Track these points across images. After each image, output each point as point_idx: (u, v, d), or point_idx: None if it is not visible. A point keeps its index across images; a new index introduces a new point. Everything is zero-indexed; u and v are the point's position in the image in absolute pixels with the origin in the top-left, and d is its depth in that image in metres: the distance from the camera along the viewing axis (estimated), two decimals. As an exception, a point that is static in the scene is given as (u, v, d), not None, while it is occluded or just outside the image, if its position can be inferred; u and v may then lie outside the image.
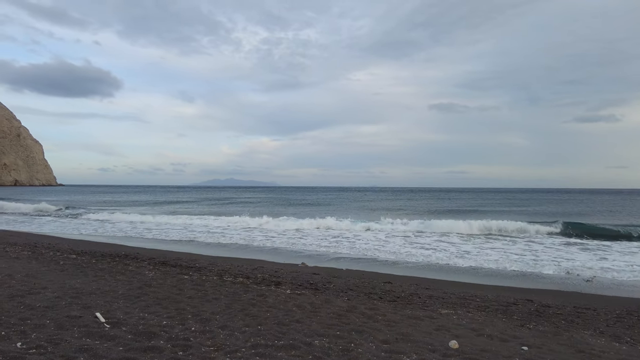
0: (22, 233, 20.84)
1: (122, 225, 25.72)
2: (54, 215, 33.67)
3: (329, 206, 51.72)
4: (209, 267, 11.70)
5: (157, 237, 20.63)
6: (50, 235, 20.41)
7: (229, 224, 25.04)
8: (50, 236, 20.08)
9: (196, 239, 20.08)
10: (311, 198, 77.27)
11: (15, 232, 21.52)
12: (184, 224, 25.96)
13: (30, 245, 15.21)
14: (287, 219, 26.05)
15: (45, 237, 19.54)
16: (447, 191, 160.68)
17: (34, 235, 20.21)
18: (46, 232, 21.95)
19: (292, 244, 18.18)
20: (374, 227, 22.24)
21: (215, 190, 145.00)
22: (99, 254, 13.56)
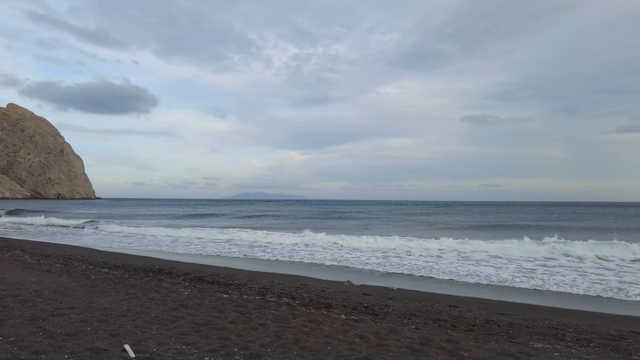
0: (59, 245, 20.62)
1: (156, 239, 25.27)
2: (91, 228, 33.88)
3: (366, 220, 50.07)
4: (248, 285, 10.61)
5: (192, 251, 19.87)
6: (86, 248, 20.05)
7: (264, 238, 24.06)
8: (86, 248, 19.70)
9: (231, 253, 19.17)
10: (344, 211, 75.76)
11: (53, 243, 21.35)
12: (218, 237, 25.21)
13: (64, 257, 14.69)
14: (327, 233, 24.81)
15: (80, 249, 19.16)
16: (482, 205, 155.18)
17: (70, 247, 19.91)
18: (83, 245, 21.69)
19: (334, 260, 16.91)
20: (420, 243, 20.61)
21: (246, 204, 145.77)
22: (131, 268, 12.78)
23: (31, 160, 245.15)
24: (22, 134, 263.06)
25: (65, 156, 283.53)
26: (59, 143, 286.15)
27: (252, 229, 32.33)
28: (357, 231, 31.66)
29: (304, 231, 25.39)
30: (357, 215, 62.84)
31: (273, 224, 41.29)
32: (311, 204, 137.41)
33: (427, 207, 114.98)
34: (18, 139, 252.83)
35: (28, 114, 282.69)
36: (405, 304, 9.37)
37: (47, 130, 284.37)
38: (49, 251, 16.64)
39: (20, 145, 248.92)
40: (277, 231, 29.00)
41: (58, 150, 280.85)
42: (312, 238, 23.16)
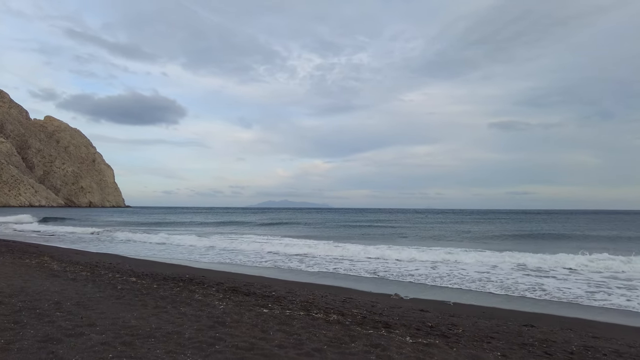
0: (87, 252, 20.12)
1: (185, 246, 24.58)
2: (120, 235, 33.67)
3: (398, 228, 48.30)
4: (288, 297, 9.47)
5: (222, 259, 18.96)
6: (114, 255, 19.46)
7: (295, 246, 22.95)
8: (114, 255, 19.10)
9: (263, 261, 18.15)
10: (372, 219, 74.03)
11: (81, 250, 20.90)
12: (247, 245, 24.28)
13: (91, 265, 13.98)
14: (361, 242, 23.50)
15: (108, 256, 18.56)
16: (512, 213, 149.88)
17: (98, 254, 19.36)
18: (111, 252, 21.15)
19: (373, 270, 15.60)
20: (467, 253, 18.99)
21: (273, 212, 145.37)
22: (160, 277, 11.87)
23: (65, 170, 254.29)
24: (57, 145, 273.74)
25: (96, 166, 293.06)
26: (91, 153, 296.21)
27: (281, 236, 31.38)
28: (391, 240, 30.22)
29: (336, 240, 24.15)
30: (388, 223, 61.09)
31: (303, 232, 40.23)
32: (337, 212, 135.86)
33: (457, 215, 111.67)
34: (54, 150, 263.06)
35: (63, 125, 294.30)
36: (473, 322, 8.01)
37: (80, 141, 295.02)
38: (77, 258, 16.04)
39: (56, 155, 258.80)
40: (309, 239, 27.89)
41: (90, 160, 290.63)
42: (346, 247, 21.88)
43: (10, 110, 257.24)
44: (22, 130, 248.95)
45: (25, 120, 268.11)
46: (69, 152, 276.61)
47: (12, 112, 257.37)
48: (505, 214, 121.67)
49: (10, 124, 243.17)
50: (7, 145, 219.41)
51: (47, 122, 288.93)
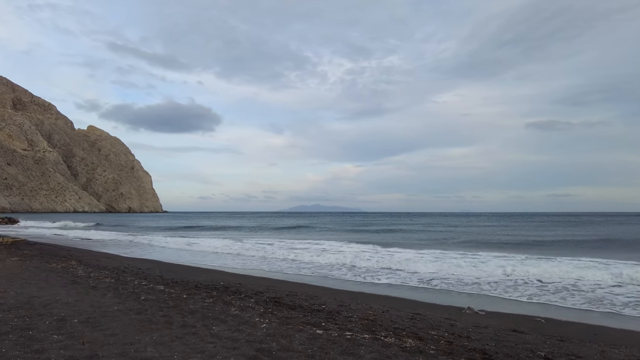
0: (119, 256, 19.17)
1: (219, 251, 23.34)
2: (157, 238, 33.06)
3: (444, 232, 45.57)
4: (342, 312, 7.71)
5: (260, 265, 17.46)
6: (146, 260, 18.38)
7: (337, 252, 21.16)
8: (146, 260, 18.02)
9: (303, 267, 16.50)
10: (410, 223, 71.22)
11: (113, 254, 20.01)
12: (285, 251, 22.71)
13: (118, 270, 12.78)
14: (406, 247, 21.45)
15: (140, 261, 17.49)
16: (553, 215, 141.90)
17: (129, 259, 18.34)
18: (145, 257, 20.12)
19: (429, 278, 13.59)
20: (544, 264, 16.51)
21: (307, 216, 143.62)
22: (192, 284, 10.42)
23: (106, 177, 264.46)
24: (99, 153, 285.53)
25: (135, 172, 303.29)
26: (130, 160, 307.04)
27: (318, 240, 29.70)
28: (442, 245, 27.90)
29: (382, 245, 22.20)
30: (431, 227, 58.24)
31: (342, 236, 38.39)
32: (371, 216, 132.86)
33: (499, 218, 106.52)
34: (96, 158, 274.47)
35: (104, 134, 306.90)
36: (597, 351, 5.96)
37: (120, 149, 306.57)
38: (106, 262, 14.96)
39: (98, 163, 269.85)
40: (349, 243, 26.09)
41: (129, 167, 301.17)
42: (389, 250, 19.89)
43: (57, 121, 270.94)
44: (67, 140, 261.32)
45: (70, 130, 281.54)
46: (109, 160, 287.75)
47: (59, 123, 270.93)
48: (558, 217, 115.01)
49: (57, 134, 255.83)
50: (54, 154, 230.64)
51: (89, 132, 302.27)
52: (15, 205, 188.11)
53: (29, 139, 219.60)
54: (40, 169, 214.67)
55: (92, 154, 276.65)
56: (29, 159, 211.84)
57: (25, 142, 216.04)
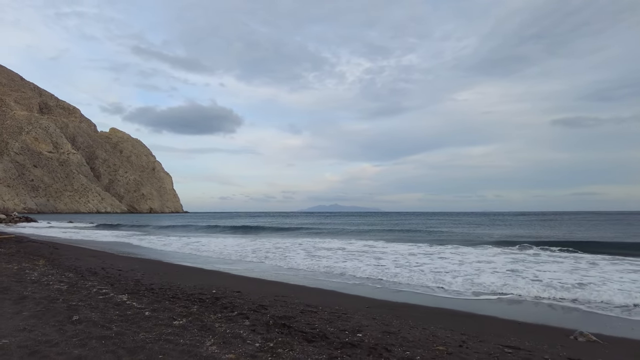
0: (107, 255, 16.58)
1: (229, 251, 20.54)
2: (170, 237, 30.63)
3: (499, 227, 41.70)
4: (394, 347, 4.64)
5: (271, 267, 14.50)
6: (137, 258, 15.71)
7: (362, 254, 18.00)
8: (137, 259, 15.35)
9: (324, 269, 13.48)
10: (436, 223, 67.30)
11: (103, 252, 17.42)
12: (308, 250, 19.67)
13: (89, 271, 10.07)
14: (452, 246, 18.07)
15: (129, 260, 14.81)
16: (578, 214, 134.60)
17: (117, 257, 15.70)
18: (141, 255, 17.44)
19: (500, 290, 10.31)
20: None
21: (330, 216, 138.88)
22: (171, 293, 7.53)
23: (128, 178, 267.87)
24: (120, 155, 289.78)
25: (156, 173, 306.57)
26: (151, 162, 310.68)
27: (340, 239, 26.63)
28: (508, 244, 24.38)
29: (424, 244, 18.94)
30: (459, 227, 54.37)
31: (370, 235, 35.16)
32: (391, 216, 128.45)
33: (528, 217, 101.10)
34: (117, 159, 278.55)
35: (126, 136, 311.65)
36: None
37: (141, 151, 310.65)
38: (83, 262, 12.31)
39: (119, 164, 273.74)
40: (388, 242, 22.93)
41: (150, 169, 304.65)
42: (425, 251, 16.65)
43: (80, 124, 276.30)
44: (90, 142, 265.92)
45: (93, 132, 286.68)
46: (131, 162, 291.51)
47: (82, 126, 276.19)
48: (580, 215, 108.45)
49: (80, 136, 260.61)
50: (77, 156, 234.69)
51: (111, 134, 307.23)
52: (41, 206, 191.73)
53: (54, 141, 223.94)
54: (65, 171, 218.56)
55: (114, 155, 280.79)
56: (54, 161, 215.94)
57: (50, 144, 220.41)
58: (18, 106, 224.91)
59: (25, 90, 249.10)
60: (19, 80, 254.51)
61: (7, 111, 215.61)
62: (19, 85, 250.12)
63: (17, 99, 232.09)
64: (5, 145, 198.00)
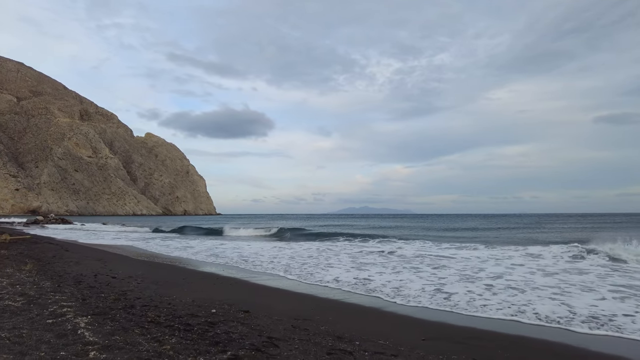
0: (117, 257, 15.03)
1: (261, 254, 18.66)
2: (191, 238, 29.26)
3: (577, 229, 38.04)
4: None
5: (302, 274, 12.40)
6: (148, 262, 14.05)
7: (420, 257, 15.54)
8: (149, 263, 13.70)
9: (369, 287, 11.24)
10: (484, 226, 63.50)
11: (114, 254, 15.90)
12: (353, 254, 17.40)
13: (74, 278, 8.33)
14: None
15: (139, 263, 13.17)
16: (630, 216, 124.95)
17: (128, 259, 14.10)
18: (152, 253, 15.81)
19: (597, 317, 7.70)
20: None
21: (367, 218, 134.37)
22: (151, 315, 5.58)
23: (163, 181, 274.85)
24: (156, 159, 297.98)
25: (190, 177, 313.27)
26: (185, 165, 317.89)
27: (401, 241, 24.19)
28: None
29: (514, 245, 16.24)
30: (506, 228, 50.58)
31: (416, 235, 32.54)
32: (427, 218, 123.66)
33: (577, 219, 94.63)
34: (153, 163, 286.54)
35: (160, 140, 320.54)
36: None
37: (175, 155, 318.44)
38: (75, 268, 10.68)
39: (155, 168, 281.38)
40: (426, 242, 20.40)
41: (184, 172, 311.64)
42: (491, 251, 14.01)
43: (118, 130, 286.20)
44: (127, 147, 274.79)
45: (129, 137, 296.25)
46: (165, 165, 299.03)
47: (120, 132, 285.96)
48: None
49: (117, 141, 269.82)
50: (115, 160, 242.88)
51: (147, 139, 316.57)
52: (81, 209, 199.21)
53: (93, 146, 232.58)
54: (103, 175, 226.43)
55: (149, 159, 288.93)
56: (93, 166, 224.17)
57: (90, 149, 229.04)
58: (61, 114, 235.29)
59: (68, 98, 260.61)
60: (62, 89, 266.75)
61: (52, 119, 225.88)
62: (62, 94, 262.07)
63: (61, 107, 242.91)
64: (50, 151, 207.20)
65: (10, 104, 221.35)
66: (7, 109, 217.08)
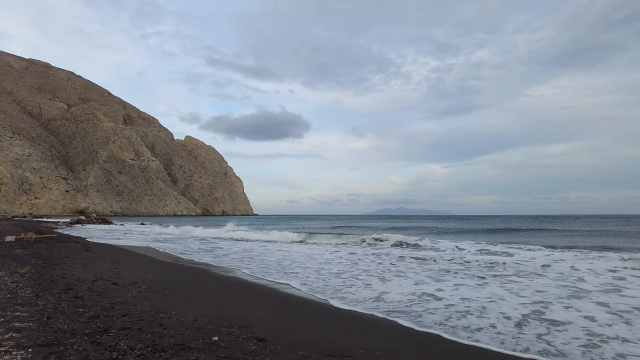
0: (136, 259, 13.84)
1: (288, 253, 17.03)
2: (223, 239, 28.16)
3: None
4: None
5: (350, 285, 10.49)
6: (167, 263, 12.73)
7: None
8: (165, 263, 12.36)
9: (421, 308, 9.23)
10: (527, 224, 59.12)
11: (138, 254, 14.76)
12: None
13: (66, 284, 6.96)
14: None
15: (153, 265, 11.82)
16: None
17: (143, 261, 12.83)
18: (184, 256, 14.54)
19: None
20: None
21: (403, 219, 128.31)
22: (123, 345, 3.93)
23: (202, 183, 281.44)
24: (195, 161, 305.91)
25: (228, 178, 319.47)
26: (223, 167, 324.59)
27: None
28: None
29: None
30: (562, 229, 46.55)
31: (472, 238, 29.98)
32: (475, 220, 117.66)
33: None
34: (192, 165, 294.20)
35: (200, 143, 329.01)
36: None
37: (214, 157, 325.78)
38: (80, 270, 9.40)
39: (194, 170, 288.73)
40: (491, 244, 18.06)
41: (222, 174, 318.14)
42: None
43: (159, 133, 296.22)
44: (167, 150, 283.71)
45: (170, 141, 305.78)
46: (205, 167, 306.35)
47: (161, 135, 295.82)
48: None
49: (159, 145, 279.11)
50: (156, 163, 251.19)
51: (187, 142, 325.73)
52: (125, 210, 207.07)
53: (136, 149, 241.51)
54: (145, 177, 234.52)
55: (189, 162, 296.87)
56: (135, 168, 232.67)
57: (132, 152, 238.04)
58: (106, 119, 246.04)
59: (112, 104, 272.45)
60: (107, 96, 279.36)
61: (98, 123, 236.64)
62: (107, 99, 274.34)
63: (106, 112, 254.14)
64: (96, 155, 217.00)
65: (62, 110, 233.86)
66: (58, 115, 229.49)
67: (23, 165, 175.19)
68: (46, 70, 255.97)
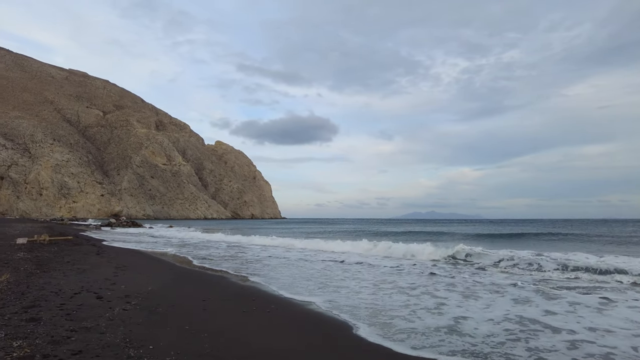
0: (150, 264, 12.53)
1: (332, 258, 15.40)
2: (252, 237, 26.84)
3: None
4: None
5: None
6: (182, 268, 11.32)
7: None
8: (180, 269, 10.95)
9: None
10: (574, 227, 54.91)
11: (155, 258, 13.48)
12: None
13: (54, 293, 5.54)
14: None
15: (163, 272, 10.42)
16: None
17: (156, 268, 11.49)
18: (207, 261, 13.18)
19: None
20: None
21: (435, 223, 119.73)
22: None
23: (232, 187, 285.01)
24: (225, 165, 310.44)
25: (257, 182, 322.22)
26: (252, 171, 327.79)
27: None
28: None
29: None
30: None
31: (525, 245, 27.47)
32: (509, 223, 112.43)
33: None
34: (222, 169, 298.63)
35: (229, 148, 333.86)
36: None
37: (243, 161, 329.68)
38: (78, 277, 8.07)
39: (224, 174, 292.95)
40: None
41: (251, 177, 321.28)
42: None
43: (190, 138, 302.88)
44: (198, 155, 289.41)
45: (200, 146, 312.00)
46: (234, 171, 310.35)
47: (192, 140, 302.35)
48: None
49: (190, 149, 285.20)
50: (187, 167, 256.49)
51: (217, 146, 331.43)
52: (157, 213, 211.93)
53: (168, 154, 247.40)
54: (177, 181, 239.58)
55: (219, 166, 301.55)
56: (167, 172, 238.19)
57: (164, 157, 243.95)
58: (139, 125, 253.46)
59: (145, 110, 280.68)
60: (140, 102, 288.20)
61: (131, 129, 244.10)
62: (140, 106, 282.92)
63: (139, 118, 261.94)
64: (130, 160, 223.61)
65: (98, 117, 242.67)
66: (95, 122, 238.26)
67: (62, 171, 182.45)
68: (84, 79, 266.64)
